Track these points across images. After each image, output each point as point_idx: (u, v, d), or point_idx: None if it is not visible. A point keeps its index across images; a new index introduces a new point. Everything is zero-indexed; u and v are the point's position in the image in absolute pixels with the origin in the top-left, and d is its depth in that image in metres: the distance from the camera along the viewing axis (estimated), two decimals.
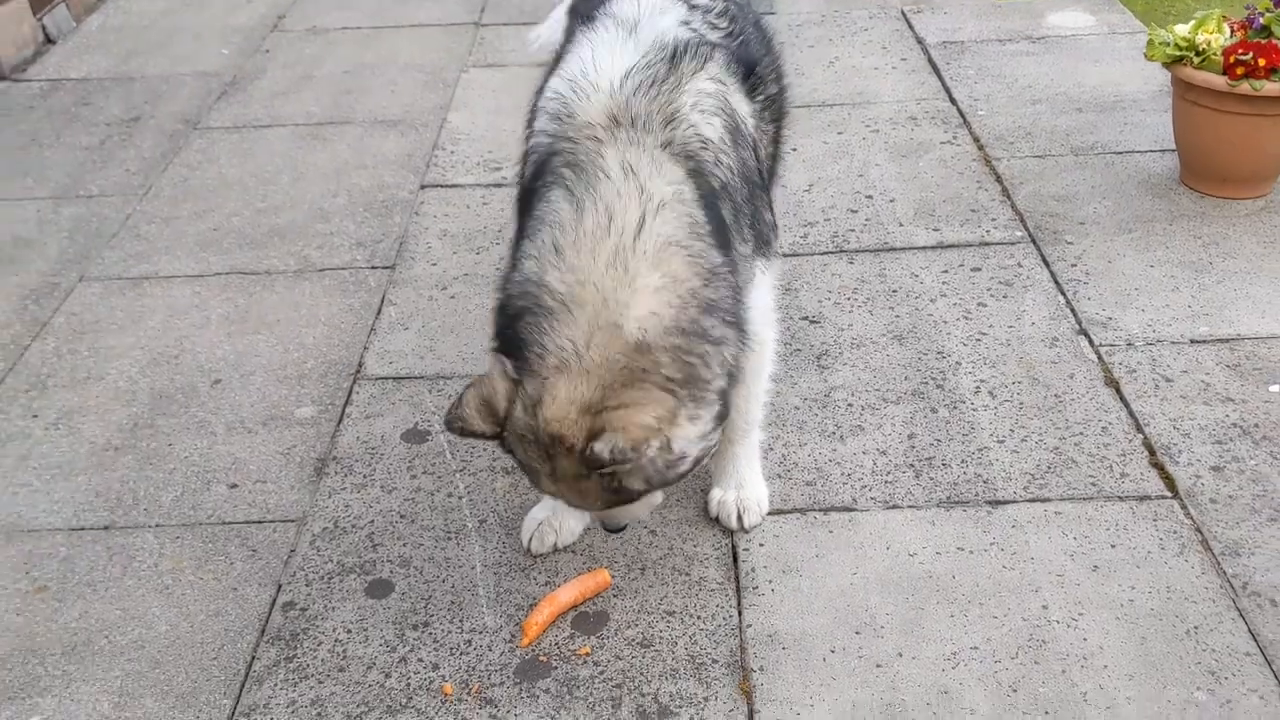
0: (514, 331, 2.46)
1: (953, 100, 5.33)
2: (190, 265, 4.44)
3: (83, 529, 3.23)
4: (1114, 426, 3.36)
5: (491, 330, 2.57)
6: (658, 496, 2.65)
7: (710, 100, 2.68)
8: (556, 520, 3.05)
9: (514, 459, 2.56)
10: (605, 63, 2.67)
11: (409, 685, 2.72)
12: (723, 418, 2.54)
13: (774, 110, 3.11)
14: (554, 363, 2.40)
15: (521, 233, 2.64)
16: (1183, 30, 4.34)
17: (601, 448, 2.36)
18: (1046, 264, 4.11)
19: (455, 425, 2.48)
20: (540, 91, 2.87)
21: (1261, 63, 4.10)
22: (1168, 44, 4.34)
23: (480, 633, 2.85)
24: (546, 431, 2.41)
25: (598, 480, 2.44)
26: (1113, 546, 2.96)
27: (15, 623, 2.95)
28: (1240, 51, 4.13)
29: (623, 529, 2.81)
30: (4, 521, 3.27)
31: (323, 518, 3.22)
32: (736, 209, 2.68)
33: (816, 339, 3.81)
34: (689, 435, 2.44)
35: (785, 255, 4.10)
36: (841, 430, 3.42)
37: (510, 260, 2.63)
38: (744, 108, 2.84)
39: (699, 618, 2.85)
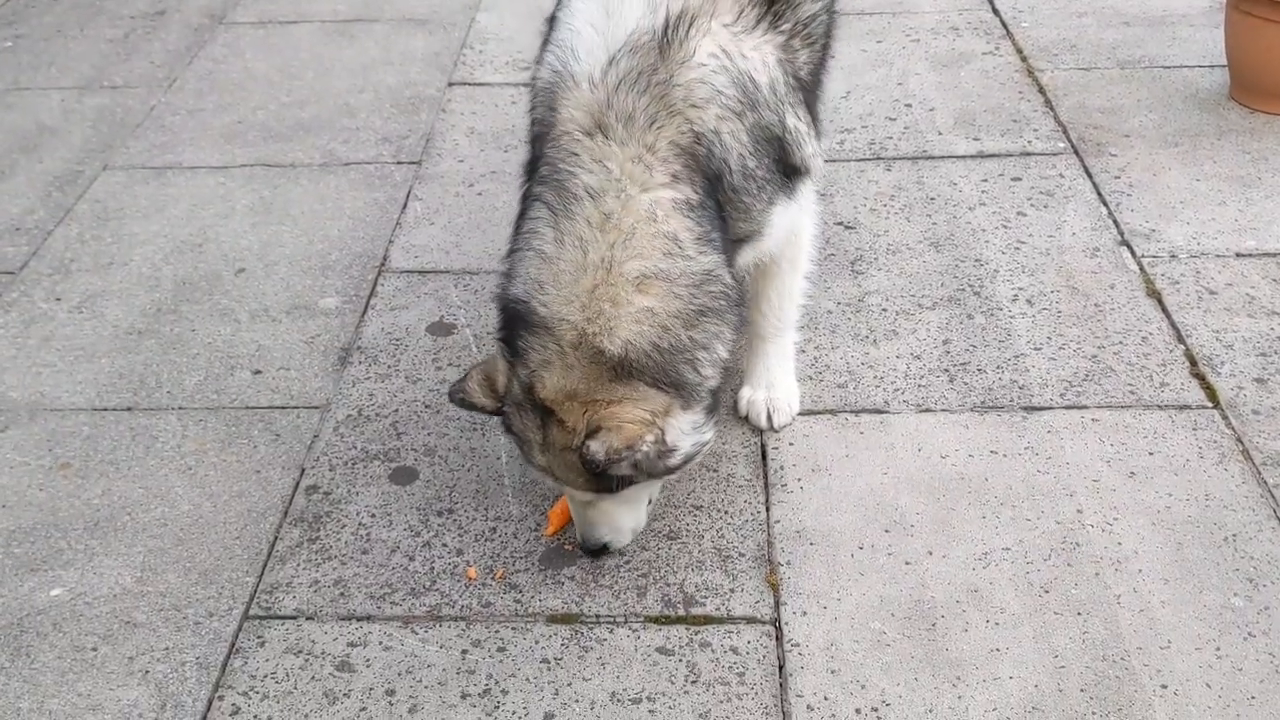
0: (509, 330, 2.52)
1: (995, 11, 5.18)
2: (214, 157, 4.38)
3: (105, 409, 3.20)
4: (1154, 337, 3.28)
5: (497, 323, 2.62)
6: (642, 514, 2.68)
7: (705, 87, 2.46)
8: None
9: (511, 434, 2.58)
10: (586, 45, 2.49)
11: (433, 569, 2.70)
12: (714, 409, 2.57)
13: (811, 31, 2.81)
14: (539, 359, 2.44)
15: (516, 232, 2.59)
16: None
17: (597, 447, 2.37)
18: (1089, 175, 4.00)
19: (457, 397, 2.58)
20: (542, 49, 2.75)
21: None
22: None
23: (505, 520, 2.82)
24: (541, 404, 2.45)
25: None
26: (1150, 454, 2.90)
27: (39, 498, 2.93)
28: None
29: (602, 550, 2.66)
30: (27, 400, 3.25)
31: (346, 405, 3.19)
32: (746, 175, 2.56)
33: (851, 244, 3.73)
34: (682, 426, 2.47)
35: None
36: (875, 335, 3.35)
37: (507, 262, 2.60)
38: (761, 54, 2.60)
39: (726, 513, 2.81)
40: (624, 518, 2.64)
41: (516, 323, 2.49)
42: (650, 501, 2.74)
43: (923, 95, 4.56)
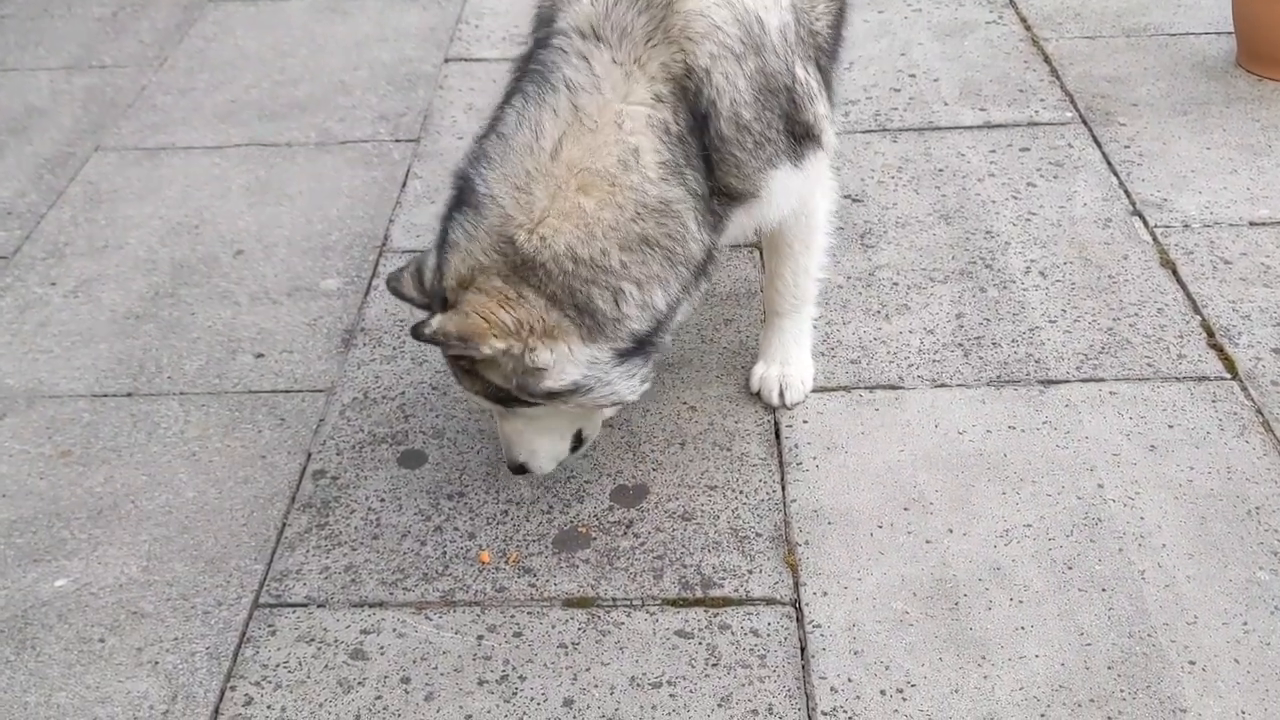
0: (446, 214, 2.46)
1: None
2: (208, 136, 4.30)
3: (105, 395, 3.14)
4: (1170, 308, 3.23)
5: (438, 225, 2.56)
6: (563, 445, 2.61)
7: (703, 21, 2.39)
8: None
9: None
10: None
11: (445, 553, 2.65)
12: (645, 362, 2.45)
13: None
14: (455, 240, 2.37)
15: (483, 128, 2.55)
16: None
17: (434, 323, 2.30)
18: (1098, 145, 3.95)
19: (391, 284, 2.54)
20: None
21: None
22: None
23: (517, 504, 2.77)
24: (444, 294, 2.39)
25: (461, 360, 2.40)
26: (1170, 427, 2.86)
27: (39, 486, 2.88)
28: None
29: (520, 470, 2.61)
30: (25, 387, 3.18)
31: (352, 388, 3.13)
32: (740, 126, 2.46)
33: (860, 217, 3.67)
34: (574, 356, 2.35)
35: None
36: (887, 309, 3.30)
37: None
38: None
39: (741, 492, 2.77)
40: (538, 441, 2.57)
41: (452, 205, 2.43)
42: (585, 441, 2.66)
43: (927, 65, 4.50)
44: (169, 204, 3.93)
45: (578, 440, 2.66)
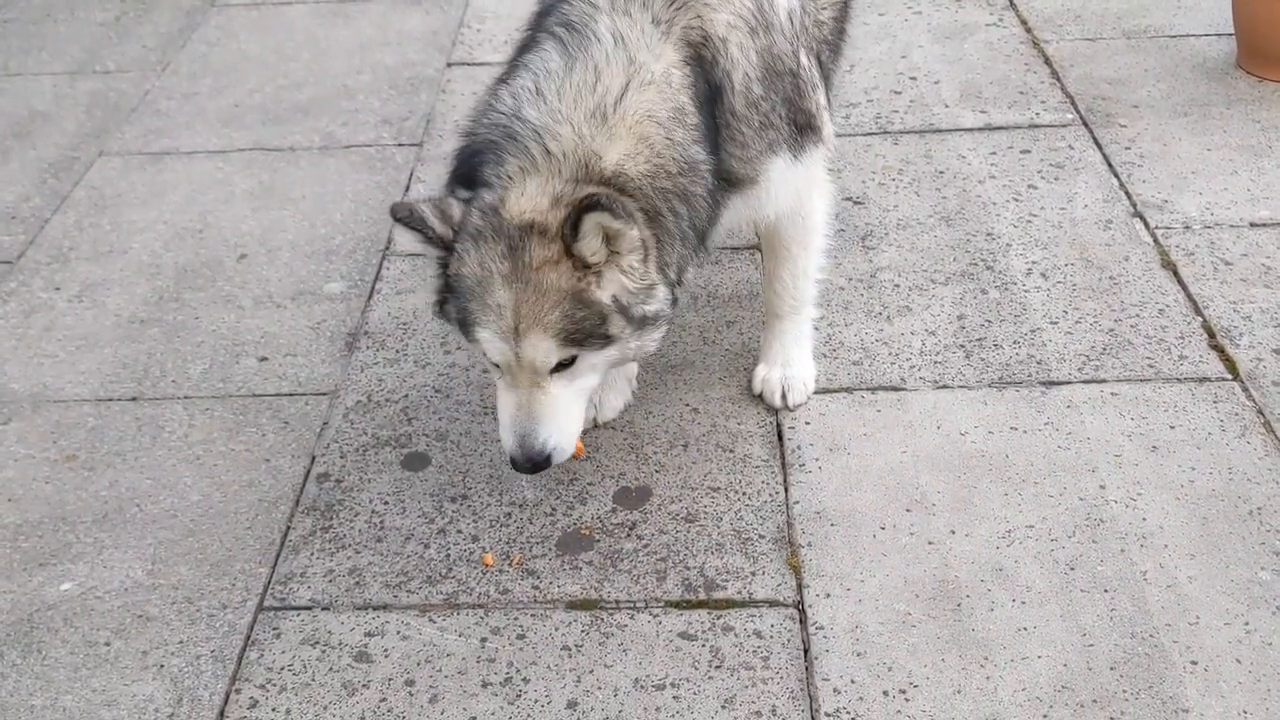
0: (474, 164, 2.37)
1: None
2: (212, 141, 4.31)
3: (110, 399, 3.15)
4: (1171, 309, 3.24)
5: (449, 171, 2.50)
6: (582, 416, 2.45)
7: None
8: (596, 395, 2.96)
9: (455, 278, 2.34)
10: None
11: (449, 556, 2.66)
12: (673, 295, 2.43)
13: None
14: (518, 167, 2.30)
15: (500, 78, 2.52)
16: None
17: (588, 190, 2.23)
18: (1099, 147, 3.96)
19: (401, 215, 2.31)
20: None
21: None
22: None
23: (521, 506, 2.78)
24: (516, 223, 2.27)
25: (566, 278, 2.25)
26: (1172, 428, 2.87)
27: (45, 490, 2.89)
28: None
29: (545, 463, 2.39)
30: (30, 391, 3.20)
31: (356, 391, 3.14)
32: (750, 103, 2.51)
33: (861, 219, 3.68)
34: (658, 275, 2.35)
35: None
36: (889, 310, 3.31)
37: (480, 104, 2.50)
38: None
39: (744, 494, 2.78)
40: (573, 408, 2.40)
41: (489, 149, 2.34)
42: (595, 407, 2.65)
43: (927, 68, 4.50)
44: (173, 208, 3.94)
45: None
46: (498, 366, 2.39)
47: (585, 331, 2.30)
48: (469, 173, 2.40)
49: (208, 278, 3.60)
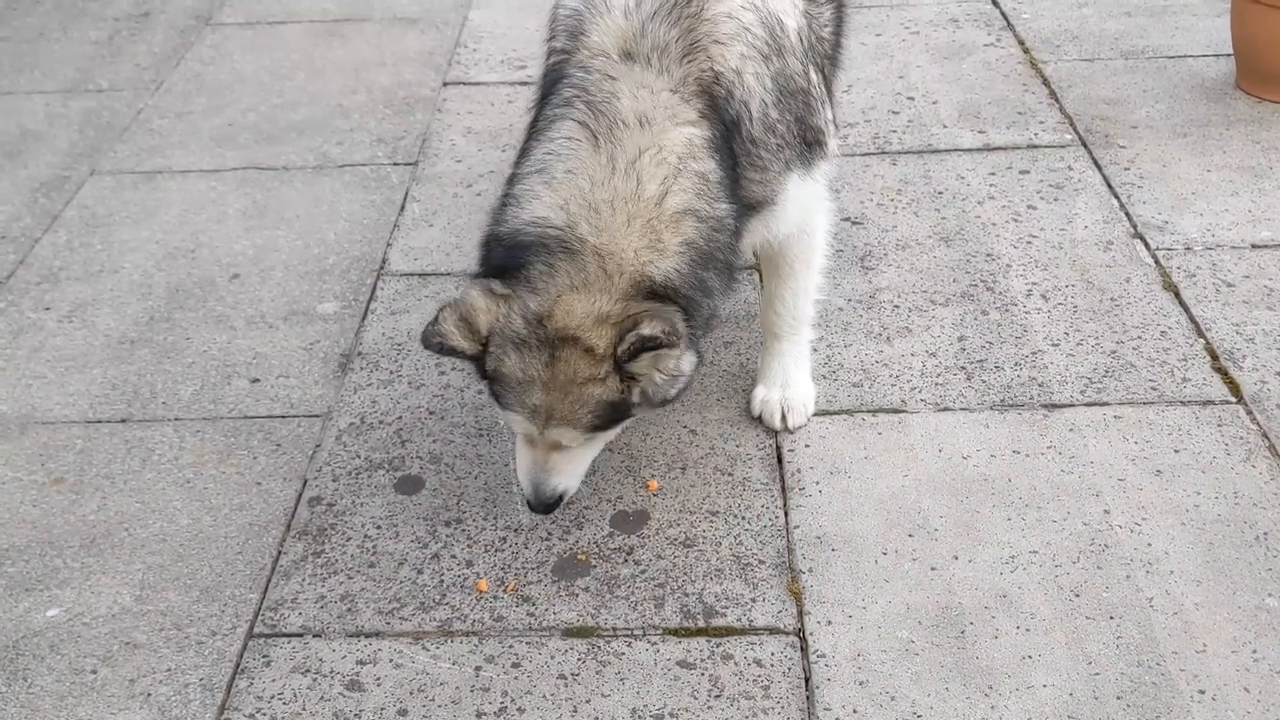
0: (518, 258, 2.37)
1: (995, 3, 5.11)
2: (205, 160, 4.28)
3: (99, 421, 3.11)
4: (1174, 331, 3.21)
5: (479, 258, 2.50)
6: (590, 453, 2.57)
7: (732, 23, 2.46)
8: None
9: (488, 379, 2.43)
10: None
11: (442, 581, 2.61)
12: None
13: None
14: (568, 283, 2.33)
15: (528, 157, 2.48)
16: None
17: (649, 328, 2.28)
18: (1098, 167, 3.94)
19: (434, 341, 2.37)
20: (557, 3, 2.70)
21: None
22: None
23: (515, 530, 2.73)
24: (558, 335, 2.33)
25: (609, 392, 2.36)
26: (1176, 451, 2.83)
27: (32, 514, 2.84)
28: None
29: (556, 504, 2.55)
30: (18, 413, 3.15)
31: (349, 413, 3.09)
32: (768, 126, 2.51)
33: (860, 240, 3.65)
34: (688, 359, 2.41)
35: None
36: (888, 332, 3.27)
37: (510, 194, 2.47)
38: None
39: (743, 518, 2.73)
40: (586, 459, 2.57)
41: (536, 250, 2.35)
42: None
43: (925, 88, 4.49)
44: (165, 228, 3.90)
45: None
46: None
47: (610, 420, 2.44)
48: (509, 264, 2.39)
49: (199, 298, 3.56)
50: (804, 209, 2.75)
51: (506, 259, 2.39)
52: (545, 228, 2.36)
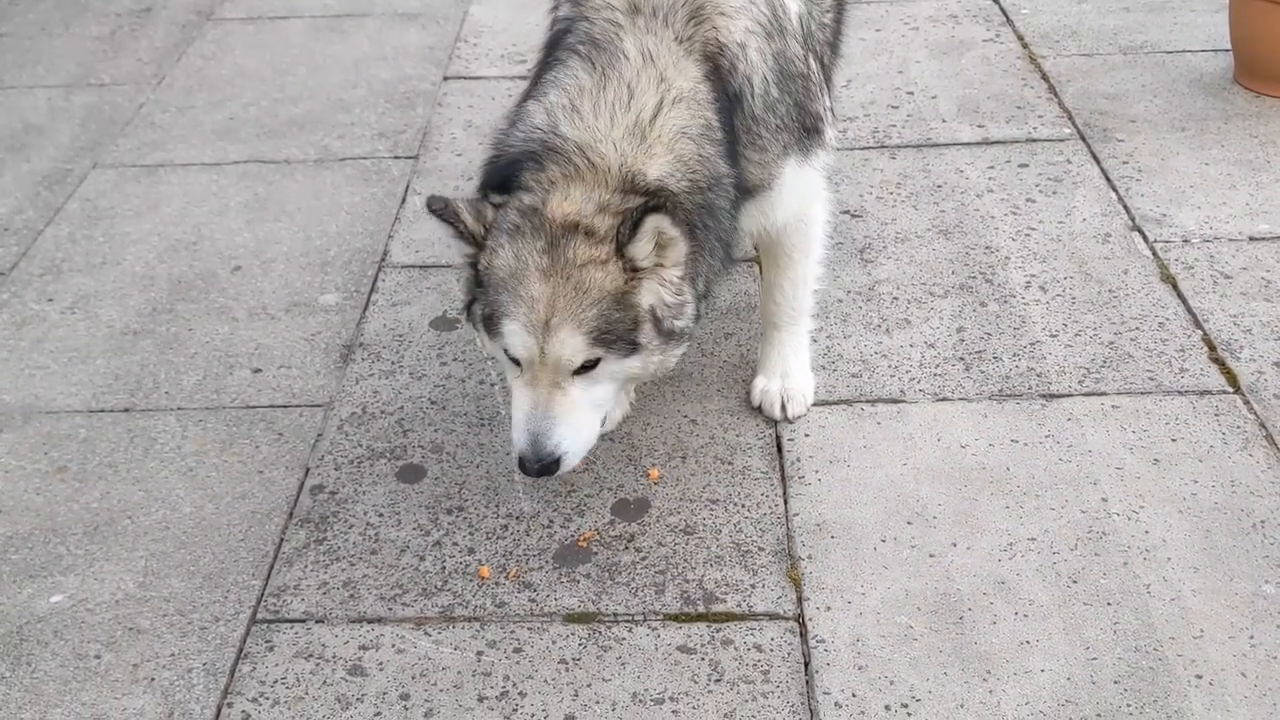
0: (509, 173, 2.38)
1: None
2: (207, 154, 4.29)
3: (102, 411, 3.12)
4: (1171, 322, 3.23)
5: (479, 180, 2.51)
6: (598, 427, 2.43)
7: None
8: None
9: (486, 270, 2.33)
10: None
11: (444, 568, 2.63)
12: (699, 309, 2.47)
13: None
14: (560, 175, 2.33)
15: (528, 95, 2.54)
16: None
17: (655, 219, 2.23)
18: (1097, 161, 3.95)
19: (437, 205, 2.32)
20: None
21: None
22: None
23: (517, 518, 2.75)
24: (559, 222, 2.29)
25: (611, 278, 2.26)
26: (1173, 440, 2.85)
27: (35, 502, 2.85)
28: None
29: (553, 466, 2.35)
30: (21, 403, 3.16)
31: (350, 403, 3.11)
32: (768, 105, 2.54)
33: (859, 233, 3.67)
34: (693, 292, 2.38)
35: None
36: (887, 323, 3.29)
37: (510, 118, 2.52)
38: None
39: (743, 506, 2.75)
40: (589, 416, 2.39)
41: (525, 159, 2.36)
42: (603, 421, 2.50)
43: (924, 83, 4.50)
44: (167, 221, 3.92)
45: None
46: (517, 364, 2.37)
47: (616, 334, 2.31)
48: (503, 181, 2.40)
49: (201, 289, 3.58)
50: (801, 197, 2.76)
51: (502, 174, 2.42)
52: (531, 134, 2.40)
